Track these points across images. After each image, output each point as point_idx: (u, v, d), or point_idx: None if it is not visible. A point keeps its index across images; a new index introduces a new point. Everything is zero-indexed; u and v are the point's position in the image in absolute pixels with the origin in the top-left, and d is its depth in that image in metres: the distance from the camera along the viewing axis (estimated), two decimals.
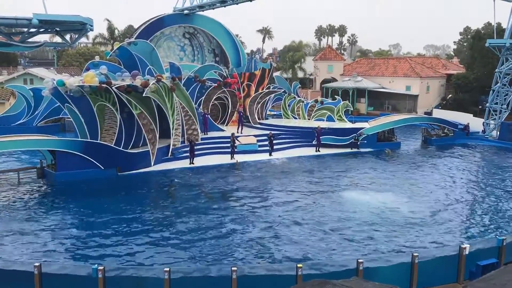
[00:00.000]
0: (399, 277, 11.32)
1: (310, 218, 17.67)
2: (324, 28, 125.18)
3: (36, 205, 19.29)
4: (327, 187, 22.32)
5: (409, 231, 16.47)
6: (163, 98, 25.43)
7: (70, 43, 21.71)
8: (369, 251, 14.66)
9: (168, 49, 34.65)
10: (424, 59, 65.25)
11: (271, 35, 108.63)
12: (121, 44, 29.13)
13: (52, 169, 23.31)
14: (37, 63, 72.20)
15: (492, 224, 17.61)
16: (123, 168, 24.23)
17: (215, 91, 33.05)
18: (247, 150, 28.89)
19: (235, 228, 16.58)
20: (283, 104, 36.65)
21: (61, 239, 15.53)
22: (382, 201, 19.87)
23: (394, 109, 51.63)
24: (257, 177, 24.08)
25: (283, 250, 14.63)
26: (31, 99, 36.47)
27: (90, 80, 23.12)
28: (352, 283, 5.96)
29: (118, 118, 24.46)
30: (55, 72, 52.98)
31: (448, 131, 36.22)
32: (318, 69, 59.69)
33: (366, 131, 32.03)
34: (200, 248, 14.77)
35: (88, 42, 79.74)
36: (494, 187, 22.93)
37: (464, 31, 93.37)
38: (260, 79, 34.93)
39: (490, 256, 12.24)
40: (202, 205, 19.17)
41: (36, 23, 16.07)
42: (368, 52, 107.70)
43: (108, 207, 18.80)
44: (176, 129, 26.88)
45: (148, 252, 14.46)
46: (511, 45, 33.31)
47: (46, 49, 77.38)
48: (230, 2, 30.23)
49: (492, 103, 36.22)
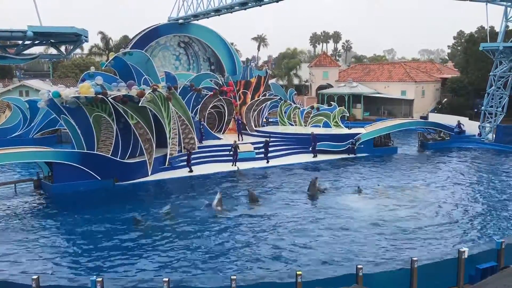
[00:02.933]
0: (398, 283, 11.30)
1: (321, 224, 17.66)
2: (319, 35, 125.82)
3: (32, 217, 19.18)
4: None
5: (408, 235, 16.45)
6: (159, 107, 25.44)
7: (65, 54, 21.70)
8: (368, 256, 14.63)
9: (163, 59, 34.72)
10: (419, 64, 65.60)
11: (266, 42, 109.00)
12: (116, 54, 29.16)
13: (49, 180, 23.22)
14: (32, 75, 72.17)
15: (491, 227, 17.63)
16: (120, 178, 24.17)
17: (211, 100, 33.08)
18: (245, 158, 28.90)
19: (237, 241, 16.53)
20: (279, 111, 36.72)
21: (59, 251, 15.45)
22: (381, 206, 19.89)
23: (390, 114, 51.77)
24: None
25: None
26: (27, 111, 36.40)
27: (86, 91, 23.11)
28: None
29: (114, 129, 24.43)
30: (51, 83, 52.90)
31: (444, 135, 36.32)
32: (314, 75, 59.87)
33: (362, 136, 32.09)
34: (203, 259, 14.72)
35: (83, 53, 79.82)
36: (492, 190, 22.99)
37: (458, 35, 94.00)
38: (256, 87, 35.00)
39: (489, 259, 12.22)
40: (197, 215, 19.13)
41: (31, 35, 16.04)
42: (363, 57, 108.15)
43: (106, 218, 18.68)
44: (172, 138, 26.86)
45: (146, 263, 14.38)
46: (505, 48, 33.53)
47: (41, 61, 77.30)
48: (224, 11, 30.34)
49: (487, 106, 36.37)
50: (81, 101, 23.28)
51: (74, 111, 23.70)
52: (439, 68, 63.91)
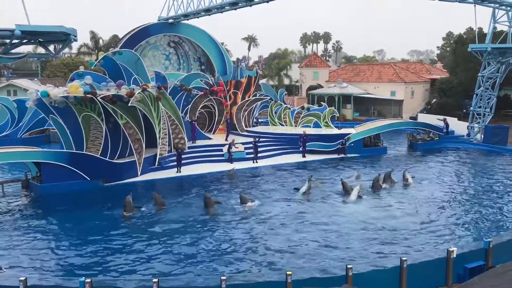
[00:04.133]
0: (387, 282, 11.34)
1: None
2: (309, 35, 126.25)
3: (20, 217, 18.97)
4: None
5: (397, 235, 16.54)
6: (149, 107, 25.32)
7: (54, 53, 21.50)
8: (358, 256, 14.68)
9: (153, 58, 34.56)
10: (408, 65, 66.02)
11: (257, 43, 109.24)
12: (105, 53, 28.97)
13: (37, 181, 23.02)
14: (20, 74, 71.44)
15: (479, 226, 17.78)
16: (109, 178, 24.01)
17: (201, 100, 33.00)
18: (235, 158, 28.89)
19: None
20: (269, 112, 36.74)
21: (47, 252, 15.29)
22: (371, 206, 19.99)
23: (380, 115, 52.06)
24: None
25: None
26: (15, 110, 36.06)
27: (74, 90, 22.93)
28: None
29: (103, 129, 24.28)
30: (39, 83, 52.52)
31: (433, 135, 36.58)
32: (304, 76, 60.00)
33: (352, 136, 32.23)
34: (193, 259, 14.68)
35: (73, 52, 79.26)
36: (480, 190, 23.19)
37: (447, 36, 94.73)
38: (246, 87, 34.98)
39: (477, 258, 12.31)
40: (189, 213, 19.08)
41: (18, 34, 15.90)
42: (353, 58, 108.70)
43: (94, 219, 18.56)
44: (162, 138, 26.76)
45: (135, 263, 14.30)
46: (493, 49, 33.84)
47: (29, 60, 76.62)
48: (214, 11, 30.28)
49: (475, 106, 36.69)
50: (70, 100, 23.10)
51: (63, 111, 23.50)
52: (428, 69, 64.38)
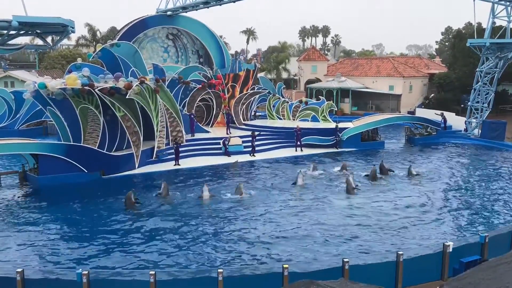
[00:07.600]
0: (384, 276, 11.40)
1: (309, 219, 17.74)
2: (308, 29, 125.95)
3: (17, 209, 18.96)
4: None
5: (395, 229, 16.59)
6: (147, 100, 25.27)
7: (52, 45, 21.45)
8: (355, 249, 14.74)
9: (151, 51, 34.48)
10: (407, 59, 65.91)
11: (255, 36, 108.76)
12: (103, 46, 28.85)
13: (34, 173, 22.99)
14: (18, 66, 71.11)
15: (475, 220, 17.84)
16: (107, 171, 24.00)
17: (199, 93, 32.95)
18: (233, 151, 28.90)
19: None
20: (267, 105, 36.72)
21: (45, 244, 15.28)
22: (368, 200, 20.03)
23: (378, 109, 52.07)
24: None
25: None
26: (12, 102, 35.96)
27: (72, 82, 22.85)
28: (338, 284, 5.94)
29: (101, 121, 24.23)
30: (37, 74, 52.22)
31: (431, 130, 36.63)
32: (302, 69, 59.93)
33: (350, 131, 32.26)
34: (188, 252, 14.70)
35: (70, 44, 78.91)
36: (477, 184, 23.25)
37: (446, 31, 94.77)
38: (245, 80, 34.93)
39: (473, 252, 12.38)
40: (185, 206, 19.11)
41: (16, 25, 15.86)
42: (351, 52, 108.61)
43: (92, 211, 18.59)
44: (160, 131, 26.72)
45: (133, 256, 14.33)
46: (491, 44, 33.83)
47: (27, 52, 76.25)
48: (213, 3, 30.18)
49: (473, 101, 36.72)
50: (67, 92, 23.02)
51: (60, 102, 23.41)
52: (427, 64, 64.29)
